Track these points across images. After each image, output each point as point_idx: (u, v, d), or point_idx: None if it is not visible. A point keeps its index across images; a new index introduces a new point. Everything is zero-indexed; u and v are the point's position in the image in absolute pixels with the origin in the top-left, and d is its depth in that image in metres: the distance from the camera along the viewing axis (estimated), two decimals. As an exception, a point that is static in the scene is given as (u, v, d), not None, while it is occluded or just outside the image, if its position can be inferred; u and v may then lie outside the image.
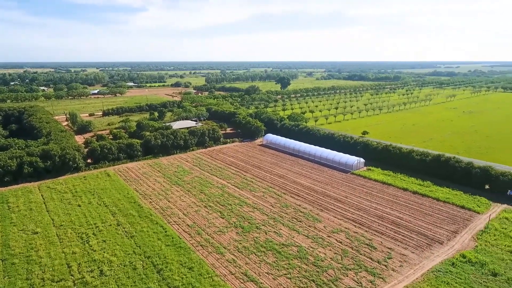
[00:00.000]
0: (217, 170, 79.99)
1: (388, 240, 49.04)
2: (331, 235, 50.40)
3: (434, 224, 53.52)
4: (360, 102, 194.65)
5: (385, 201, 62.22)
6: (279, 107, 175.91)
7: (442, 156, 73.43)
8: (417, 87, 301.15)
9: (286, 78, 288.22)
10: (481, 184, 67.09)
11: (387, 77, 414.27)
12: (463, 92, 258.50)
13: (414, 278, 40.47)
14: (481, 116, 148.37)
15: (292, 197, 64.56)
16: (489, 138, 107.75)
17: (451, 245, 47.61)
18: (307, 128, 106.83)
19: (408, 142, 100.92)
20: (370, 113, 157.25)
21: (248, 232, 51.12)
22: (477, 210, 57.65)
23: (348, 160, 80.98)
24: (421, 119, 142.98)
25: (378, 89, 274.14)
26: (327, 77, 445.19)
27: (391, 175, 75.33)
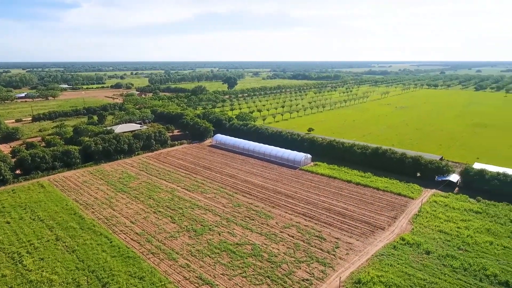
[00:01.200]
0: (166, 173, 77.31)
1: (335, 230, 51.69)
2: (283, 230, 51.64)
3: (375, 212, 57.69)
4: (305, 100, 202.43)
5: (331, 193, 65.50)
6: (227, 107, 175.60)
7: (380, 149, 79.44)
8: (355, 85, 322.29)
9: (233, 78, 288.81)
10: (413, 172, 73.97)
11: (328, 76, 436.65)
12: (395, 89, 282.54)
13: (359, 263, 43.21)
14: (411, 111, 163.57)
15: (244, 196, 64.88)
16: (418, 130, 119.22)
17: (392, 230, 51.74)
18: (255, 127, 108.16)
19: (349, 136, 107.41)
20: (315, 111, 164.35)
21: (201, 234, 50.23)
22: (411, 196, 63.43)
23: (296, 156, 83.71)
24: (360, 115, 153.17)
25: (320, 88, 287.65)
26: (272, 77, 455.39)
27: (336, 168, 79.52)
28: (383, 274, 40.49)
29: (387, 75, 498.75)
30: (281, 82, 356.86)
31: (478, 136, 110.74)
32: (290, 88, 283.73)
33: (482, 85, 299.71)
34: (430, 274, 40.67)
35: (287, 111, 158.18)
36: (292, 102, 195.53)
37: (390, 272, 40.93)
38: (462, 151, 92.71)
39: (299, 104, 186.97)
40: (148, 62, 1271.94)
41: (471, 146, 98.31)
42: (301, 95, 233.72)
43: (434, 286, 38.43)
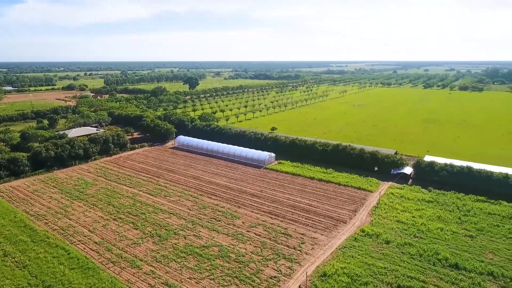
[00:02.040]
0: (126, 178, 74.17)
1: (301, 226, 52.82)
2: (250, 229, 51.77)
3: (338, 206, 59.80)
4: (267, 100, 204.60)
5: (295, 190, 66.82)
6: (189, 108, 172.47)
7: (340, 145, 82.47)
8: (315, 84, 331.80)
9: (194, 78, 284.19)
10: (371, 166, 77.72)
11: (289, 76, 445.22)
12: (352, 87, 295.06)
13: (324, 257, 44.54)
14: (367, 108, 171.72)
15: (209, 197, 64.12)
16: (374, 127, 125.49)
17: (353, 223, 53.94)
18: (219, 127, 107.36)
19: (311, 134, 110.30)
20: (277, 110, 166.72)
21: (166, 239, 48.83)
22: (370, 190, 66.58)
23: (260, 155, 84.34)
24: (320, 113, 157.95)
25: (282, 87, 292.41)
26: (234, 77, 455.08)
27: (299, 166, 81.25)
28: (346, 265, 42.08)
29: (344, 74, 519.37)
30: (243, 82, 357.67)
31: (427, 130, 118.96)
32: (252, 88, 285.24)
33: (430, 83, 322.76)
34: (389, 262, 42.95)
35: (250, 110, 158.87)
36: (254, 101, 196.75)
37: (352, 263, 42.65)
38: (414, 145, 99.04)
39: (261, 103, 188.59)
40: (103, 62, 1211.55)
41: (421, 140, 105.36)
42: (263, 94, 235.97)
43: (393, 273, 40.63)
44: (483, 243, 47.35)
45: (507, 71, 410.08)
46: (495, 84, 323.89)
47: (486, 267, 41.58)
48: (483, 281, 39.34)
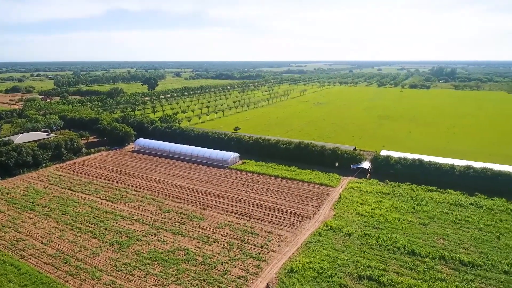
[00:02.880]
0: (82, 185, 70.03)
1: (267, 225, 53.29)
2: (216, 231, 51.25)
3: (302, 203, 61.16)
4: (229, 100, 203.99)
5: (261, 189, 67.29)
6: (148, 110, 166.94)
7: (302, 143, 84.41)
8: (276, 84, 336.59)
9: (153, 79, 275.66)
10: (332, 162, 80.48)
11: (251, 76, 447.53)
12: (312, 87, 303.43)
13: (291, 253, 45.34)
14: (327, 107, 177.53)
15: (173, 200, 62.52)
16: (334, 124, 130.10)
17: (317, 218, 55.47)
18: (181, 128, 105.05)
19: (274, 133, 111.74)
20: (240, 110, 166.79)
21: (128, 247, 46.80)
22: (332, 185, 68.88)
23: (224, 156, 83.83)
24: (282, 112, 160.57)
25: (244, 87, 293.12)
26: (195, 77, 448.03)
27: (263, 165, 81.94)
28: (312, 260, 43.17)
29: (304, 74, 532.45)
30: (204, 82, 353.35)
31: (382, 126, 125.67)
32: (214, 88, 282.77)
33: (383, 82, 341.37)
34: (352, 254, 44.73)
35: (213, 111, 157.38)
36: (216, 102, 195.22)
37: (318, 258, 43.85)
38: (371, 140, 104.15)
39: (224, 103, 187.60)
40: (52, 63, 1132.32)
41: (377, 135, 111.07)
42: (225, 94, 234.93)
43: (355, 264, 42.38)
44: (434, 229, 50.96)
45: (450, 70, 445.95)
46: (440, 82, 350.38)
47: (438, 251, 44.80)
48: (436, 264, 42.34)
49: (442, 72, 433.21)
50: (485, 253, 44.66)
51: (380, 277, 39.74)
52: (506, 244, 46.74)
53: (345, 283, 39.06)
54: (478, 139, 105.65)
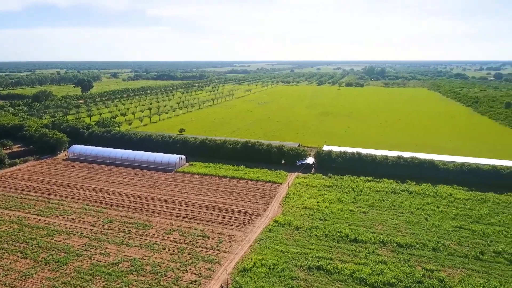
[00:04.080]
0: (7, 200, 62.40)
1: (218, 226, 52.79)
2: (165, 237, 49.37)
3: (252, 201, 61.74)
4: (173, 101, 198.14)
5: (209, 191, 66.44)
6: (83, 114, 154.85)
7: (249, 142, 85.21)
8: (221, 84, 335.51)
9: (87, 80, 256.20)
10: (279, 160, 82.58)
11: (194, 76, 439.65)
12: (256, 86, 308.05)
13: (243, 252, 45.50)
14: (271, 105, 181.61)
15: (116, 209, 58.77)
16: (279, 122, 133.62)
17: (267, 215, 56.45)
18: (121, 133, 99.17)
19: (221, 133, 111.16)
20: (184, 111, 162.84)
21: (66, 264, 42.85)
22: (279, 182, 70.66)
23: (170, 159, 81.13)
24: (228, 112, 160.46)
25: (187, 88, 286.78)
26: (134, 78, 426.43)
27: (211, 166, 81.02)
28: (264, 257, 43.82)
29: (248, 73, 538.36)
30: (144, 83, 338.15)
31: (323, 123, 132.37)
32: (155, 89, 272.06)
33: (322, 80, 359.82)
34: (301, 247, 46.37)
35: (155, 113, 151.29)
36: (159, 103, 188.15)
37: (269, 254, 44.64)
38: (314, 137, 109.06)
39: (167, 105, 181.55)
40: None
41: (319, 132, 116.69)
42: (168, 95, 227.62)
43: (305, 256, 44.00)
44: (373, 216, 55.11)
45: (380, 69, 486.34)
46: (372, 80, 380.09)
47: (378, 236, 48.53)
48: (376, 249, 45.81)
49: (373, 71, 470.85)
50: (417, 233, 49.51)
51: (327, 266, 41.79)
52: (433, 224, 52.33)
53: (296, 276, 40.35)
54: (406, 131, 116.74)
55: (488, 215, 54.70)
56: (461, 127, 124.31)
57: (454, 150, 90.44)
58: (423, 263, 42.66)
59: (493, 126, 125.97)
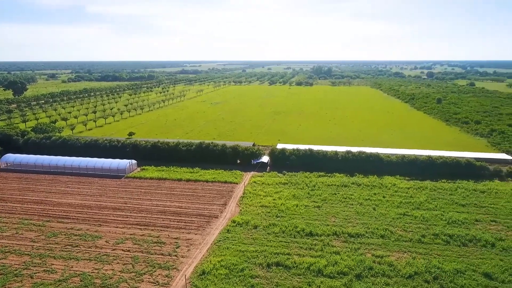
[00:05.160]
0: None
1: (174, 231, 51.29)
2: (116, 247, 46.75)
3: (208, 203, 60.95)
4: (120, 103, 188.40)
5: (164, 195, 64.30)
6: (17, 119, 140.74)
7: (203, 143, 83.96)
8: (171, 84, 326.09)
9: (19, 82, 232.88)
10: (234, 160, 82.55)
11: (142, 77, 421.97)
12: (208, 86, 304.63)
13: (201, 256, 44.77)
14: (224, 106, 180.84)
15: (60, 222, 54.33)
16: (232, 122, 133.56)
17: (224, 216, 56.11)
18: (63, 138, 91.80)
19: (173, 136, 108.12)
20: (133, 113, 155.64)
21: (3, 286, 38.61)
22: (236, 182, 70.66)
23: (120, 164, 76.99)
24: (180, 113, 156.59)
25: (136, 89, 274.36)
26: (76, 79, 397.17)
27: (164, 169, 78.43)
28: (223, 258, 43.54)
29: (199, 74, 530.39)
30: (87, 84, 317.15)
31: (276, 121, 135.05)
32: (100, 90, 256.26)
33: (273, 80, 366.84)
34: (259, 245, 46.85)
35: (101, 116, 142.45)
36: (105, 106, 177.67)
37: (228, 254, 44.48)
38: (267, 135, 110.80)
39: (114, 107, 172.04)
40: None
41: (273, 130, 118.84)
42: (115, 97, 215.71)
43: (264, 254, 44.54)
44: (327, 210, 57.53)
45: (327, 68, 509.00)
46: (320, 79, 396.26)
47: (331, 229, 50.76)
48: (330, 241, 47.91)
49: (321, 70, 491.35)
50: (366, 223, 52.70)
51: (285, 261, 42.76)
52: (380, 213, 56.08)
53: (256, 274, 40.70)
54: (353, 127, 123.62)
55: (427, 201, 60.03)
56: (401, 121, 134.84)
57: (396, 143, 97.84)
58: (373, 250, 45.52)
59: (428, 120, 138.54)
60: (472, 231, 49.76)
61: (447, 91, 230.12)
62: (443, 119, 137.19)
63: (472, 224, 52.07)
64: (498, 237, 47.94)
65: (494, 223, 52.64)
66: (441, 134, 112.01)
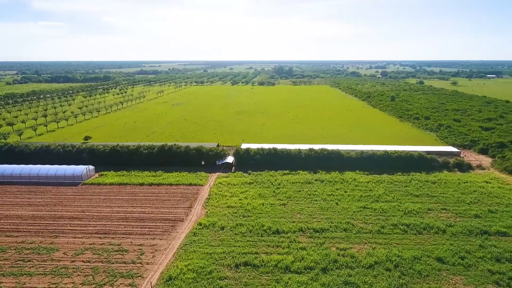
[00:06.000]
0: None
1: (137, 237, 49.41)
2: (75, 259, 44.05)
3: (173, 206, 59.44)
4: (74, 106, 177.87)
5: (125, 201, 61.70)
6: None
7: (165, 146, 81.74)
8: (129, 85, 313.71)
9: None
10: (199, 161, 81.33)
11: (97, 77, 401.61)
12: (169, 87, 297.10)
13: (167, 261, 43.56)
14: (186, 107, 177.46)
15: (9, 235, 50.07)
16: (196, 123, 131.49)
17: (190, 219, 55.07)
18: (9, 145, 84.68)
19: (134, 139, 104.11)
20: (88, 116, 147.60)
21: None
22: (201, 183, 69.64)
23: (75, 171, 72.60)
24: (140, 115, 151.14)
25: (91, 91, 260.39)
26: (22, 81, 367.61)
27: (125, 174, 75.26)
28: (190, 262, 42.72)
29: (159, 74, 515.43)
30: (36, 86, 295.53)
31: (240, 121, 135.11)
32: (50, 93, 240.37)
33: (236, 80, 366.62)
34: (227, 246, 46.59)
35: (53, 120, 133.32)
36: (57, 109, 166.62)
37: (195, 258, 43.74)
38: (232, 135, 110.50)
39: (66, 111, 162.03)
40: None
41: (237, 130, 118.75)
42: (68, 100, 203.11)
43: (231, 254, 44.37)
44: (292, 207, 58.62)
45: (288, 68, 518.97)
46: (282, 79, 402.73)
47: (297, 225, 51.81)
48: (296, 237, 48.88)
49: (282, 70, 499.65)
50: (330, 218, 54.47)
51: (253, 260, 42.94)
52: (342, 207, 58.24)
53: (224, 275, 40.43)
54: (315, 125, 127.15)
55: (385, 194, 63.39)
56: (359, 118, 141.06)
57: (355, 139, 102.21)
58: (337, 244, 47.16)
59: (383, 117, 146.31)
60: (425, 219, 53.35)
61: (399, 89, 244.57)
62: (396, 115, 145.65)
63: (426, 213, 55.84)
64: (448, 224, 51.86)
65: (444, 211, 56.87)
66: (395, 130, 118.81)
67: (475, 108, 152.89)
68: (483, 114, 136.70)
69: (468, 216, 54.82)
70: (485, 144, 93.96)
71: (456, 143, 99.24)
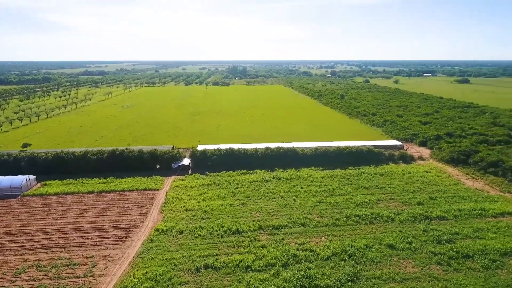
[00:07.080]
0: None
1: (88, 249, 46.31)
2: (17, 278, 40.09)
3: (127, 214, 56.63)
4: (8, 111, 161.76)
5: (73, 211, 57.49)
6: None
7: (116, 150, 77.57)
8: (73, 87, 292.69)
9: None
10: (153, 165, 78.38)
11: (36, 79, 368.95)
12: (117, 89, 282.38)
13: (122, 271, 41.42)
14: (137, 109, 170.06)
15: None
16: (149, 126, 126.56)
17: (146, 225, 52.87)
18: None
19: (80, 144, 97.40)
20: (26, 122, 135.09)
21: None
22: (156, 188, 67.20)
23: (13, 182, 66.02)
24: (86, 119, 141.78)
25: (28, 93, 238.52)
26: None
27: (72, 183, 70.12)
28: (148, 270, 41.05)
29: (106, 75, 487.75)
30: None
31: (195, 122, 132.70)
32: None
33: (189, 80, 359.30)
34: (186, 250, 45.52)
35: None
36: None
37: (154, 265, 42.13)
38: (187, 137, 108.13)
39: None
40: None
41: (192, 132, 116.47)
42: (1, 104, 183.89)
43: (191, 258, 43.43)
44: (251, 206, 58.96)
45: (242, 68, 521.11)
46: (236, 79, 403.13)
47: (257, 224, 52.21)
48: (256, 235, 49.26)
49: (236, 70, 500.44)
50: (288, 214, 55.70)
51: (214, 262, 42.48)
52: (300, 203, 59.89)
53: (185, 280, 39.47)
54: (270, 124, 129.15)
55: (338, 188, 66.38)
56: (312, 116, 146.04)
57: (309, 136, 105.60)
58: (296, 239, 48.39)
59: (334, 114, 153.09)
60: (376, 209, 56.82)
61: (348, 87, 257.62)
62: (346, 113, 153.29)
63: (376, 204, 59.49)
64: (396, 212, 55.77)
65: (392, 200, 61.05)
66: (346, 126, 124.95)
67: (414, 104, 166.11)
68: (421, 110, 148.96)
69: (412, 204, 59.43)
70: (424, 137, 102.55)
71: (400, 137, 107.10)
